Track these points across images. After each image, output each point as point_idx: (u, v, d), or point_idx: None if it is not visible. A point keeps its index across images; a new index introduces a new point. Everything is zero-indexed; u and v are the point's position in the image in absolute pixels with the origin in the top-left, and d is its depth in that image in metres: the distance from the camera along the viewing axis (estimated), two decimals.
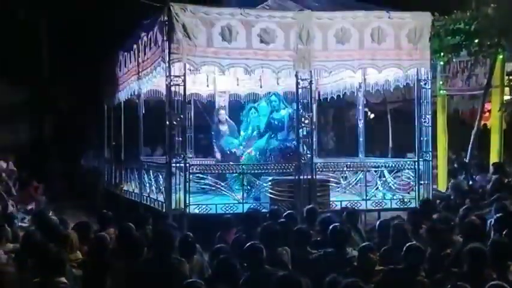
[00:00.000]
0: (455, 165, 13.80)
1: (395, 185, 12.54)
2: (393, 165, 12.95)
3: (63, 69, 22.52)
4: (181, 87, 11.46)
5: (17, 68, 21.65)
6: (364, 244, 7.47)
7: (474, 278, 5.78)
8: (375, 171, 12.74)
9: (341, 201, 11.83)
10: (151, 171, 13.12)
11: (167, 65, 11.33)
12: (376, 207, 12.38)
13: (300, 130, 11.95)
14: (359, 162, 13.81)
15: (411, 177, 12.53)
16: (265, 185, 11.94)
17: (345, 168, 12.80)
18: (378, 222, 8.78)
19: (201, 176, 12.12)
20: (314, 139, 13.31)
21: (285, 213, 9.20)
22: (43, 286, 6.00)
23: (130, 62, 14.54)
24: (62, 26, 22.35)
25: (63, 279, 6.10)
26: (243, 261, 6.23)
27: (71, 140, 22.64)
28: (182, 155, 11.55)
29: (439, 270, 6.72)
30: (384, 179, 12.57)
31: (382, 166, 12.86)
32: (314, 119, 14.03)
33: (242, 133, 14.49)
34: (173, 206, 11.35)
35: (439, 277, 6.33)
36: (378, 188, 12.54)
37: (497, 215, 8.70)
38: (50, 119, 24.26)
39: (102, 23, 21.45)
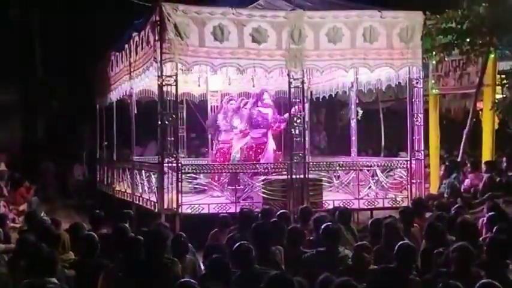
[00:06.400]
0: (447, 164, 13.80)
1: (387, 184, 12.56)
2: (385, 164, 12.98)
3: (55, 70, 22.49)
4: (174, 87, 11.45)
5: (9, 68, 21.62)
6: (359, 243, 7.48)
7: (461, 277, 5.79)
8: (368, 170, 12.75)
9: (333, 200, 11.85)
10: (143, 171, 13.12)
11: (159, 64, 11.33)
12: (369, 206, 12.40)
13: (292, 129, 11.96)
14: (351, 161, 13.83)
15: (403, 176, 12.56)
16: (257, 184, 11.95)
17: (337, 168, 12.82)
18: (370, 221, 8.78)
19: (193, 175, 12.15)
20: (306, 138, 13.30)
21: (278, 213, 9.21)
22: (32, 286, 5.97)
23: (122, 62, 14.52)
24: (54, 26, 22.31)
25: (54, 280, 6.07)
26: (232, 262, 6.24)
27: (63, 141, 22.59)
28: (174, 155, 11.54)
29: (431, 268, 6.74)
30: (376, 178, 12.59)
31: (374, 165, 12.89)
32: (306, 119, 14.05)
33: None
34: (165, 206, 11.35)
35: (430, 276, 6.33)
36: (370, 187, 12.56)
37: (490, 213, 8.73)
38: (42, 119, 24.21)
39: (94, 23, 21.43)
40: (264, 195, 11.76)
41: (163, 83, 11.39)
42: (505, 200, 10.82)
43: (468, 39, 13.17)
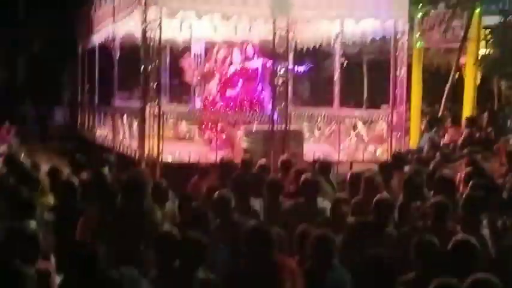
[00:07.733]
0: (428, 118, 13.87)
1: (367, 137, 12.59)
2: (367, 116, 12.98)
3: (37, 12, 22.15)
4: (157, 32, 11.30)
5: None
6: (337, 195, 7.52)
7: (438, 231, 5.86)
8: (349, 122, 12.75)
9: (314, 152, 11.86)
10: (125, 116, 13.02)
11: (144, 8, 11.16)
12: (348, 159, 12.44)
13: (275, 79, 11.90)
14: (333, 112, 13.81)
15: (384, 129, 12.58)
16: (238, 133, 11.92)
17: (319, 119, 12.81)
18: (349, 174, 8.80)
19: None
20: (289, 89, 13.25)
21: (258, 163, 9.22)
22: (11, 229, 5.97)
23: (106, 4, 14.30)
24: None
25: (33, 223, 6.07)
26: (212, 210, 6.28)
27: (44, 83, 22.37)
28: (156, 101, 11.45)
29: (408, 223, 6.81)
30: (357, 130, 12.61)
31: (356, 117, 12.88)
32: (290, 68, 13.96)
33: None
34: (146, 153, 11.31)
35: (406, 230, 6.41)
36: (351, 139, 12.58)
37: (467, 169, 8.79)
38: (22, 61, 23.94)
39: None
40: (245, 145, 11.75)
41: (147, 28, 11.24)
42: (483, 156, 10.89)
43: None
